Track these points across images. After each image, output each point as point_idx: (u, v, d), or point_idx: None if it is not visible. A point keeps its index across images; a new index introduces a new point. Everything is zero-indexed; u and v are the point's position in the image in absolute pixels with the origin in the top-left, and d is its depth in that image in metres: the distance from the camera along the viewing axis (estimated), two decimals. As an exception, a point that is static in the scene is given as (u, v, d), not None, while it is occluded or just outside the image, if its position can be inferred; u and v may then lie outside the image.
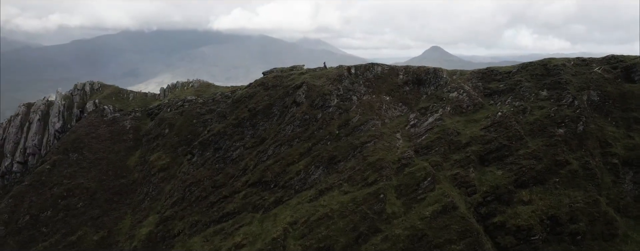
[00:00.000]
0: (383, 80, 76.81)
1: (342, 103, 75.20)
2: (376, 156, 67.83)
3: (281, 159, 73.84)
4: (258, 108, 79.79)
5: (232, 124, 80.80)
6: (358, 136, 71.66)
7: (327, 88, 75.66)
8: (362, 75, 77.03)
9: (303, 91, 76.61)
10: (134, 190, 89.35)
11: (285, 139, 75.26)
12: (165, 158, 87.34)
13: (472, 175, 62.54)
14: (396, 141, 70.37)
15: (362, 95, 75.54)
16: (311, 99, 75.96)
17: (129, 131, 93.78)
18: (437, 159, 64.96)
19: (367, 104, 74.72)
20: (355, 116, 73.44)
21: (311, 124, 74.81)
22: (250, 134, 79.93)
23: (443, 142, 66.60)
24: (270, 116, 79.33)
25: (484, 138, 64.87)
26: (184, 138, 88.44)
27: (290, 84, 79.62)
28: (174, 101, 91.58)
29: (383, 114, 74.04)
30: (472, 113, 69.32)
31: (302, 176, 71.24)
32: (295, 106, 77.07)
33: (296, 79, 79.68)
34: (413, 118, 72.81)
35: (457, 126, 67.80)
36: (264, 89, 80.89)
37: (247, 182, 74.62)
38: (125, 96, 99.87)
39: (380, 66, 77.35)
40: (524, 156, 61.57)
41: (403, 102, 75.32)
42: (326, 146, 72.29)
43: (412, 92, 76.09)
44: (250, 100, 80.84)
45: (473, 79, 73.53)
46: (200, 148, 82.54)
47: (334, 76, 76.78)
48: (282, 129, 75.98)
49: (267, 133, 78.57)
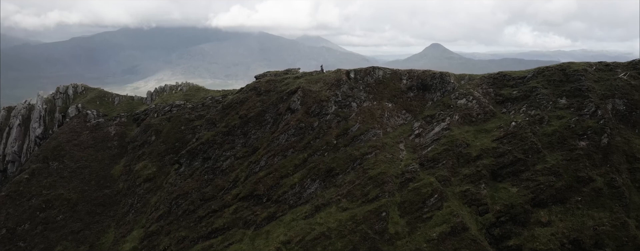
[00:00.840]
0: (385, 85, 70.47)
1: (340, 110, 68.92)
2: (377, 169, 61.69)
3: (274, 171, 67.75)
4: (250, 115, 73.51)
5: (222, 132, 74.53)
6: (358, 146, 65.46)
7: (324, 94, 69.35)
8: (362, 80, 70.70)
9: (298, 97, 70.29)
10: (118, 202, 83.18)
11: (279, 149, 69.09)
12: (152, 167, 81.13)
13: (483, 192, 56.40)
14: (399, 152, 64.16)
15: (362, 101, 69.23)
16: (307, 105, 69.67)
17: (114, 138, 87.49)
18: (444, 174, 58.80)
19: (367, 112, 68.43)
20: (355, 125, 67.18)
21: (307, 133, 68.61)
22: (241, 143, 73.72)
23: (451, 154, 60.39)
24: (262, 123, 73.07)
25: (497, 150, 58.65)
26: (172, 146, 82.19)
27: (284, 89, 73.31)
28: (162, 106, 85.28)
29: (385, 122, 67.77)
30: (482, 122, 63.05)
31: (297, 190, 65.19)
32: (289, 113, 70.80)
33: (291, 83, 73.36)
34: (418, 127, 66.53)
35: (466, 137, 61.56)
36: (257, 94, 74.58)
37: (238, 195, 68.60)
38: (110, 100, 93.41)
39: (381, 69, 71.03)
40: (541, 171, 55.37)
41: (407, 109, 69.03)
42: (323, 157, 66.17)
43: (417, 98, 69.78)
44: (241, 106, 74.55)
45: (483, 85, 67.22)
46: (188, 158, 76.33)
47: (331, 81, 70.47)
48: (276, 138, 69.77)
49: (260, 142, 72.36)
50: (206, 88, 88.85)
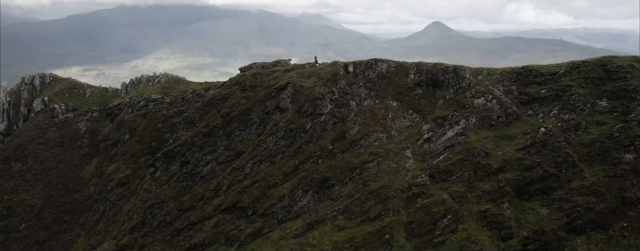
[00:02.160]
0: (389, 80, 60.22)
1: (337, 110, 58.85)
2: (380, 182, 52.06)
3: (261, 179, 58.23)
4: (233, 114, 63.47)
5: (201, 133, 64.60)
6: (357, 153, 55.67)
7: (318, 91, 59.18)
8: (363, 74, 60.40)
9: (288, 94, 60.16)
10: (88, 207, 73.84)
11: (266, 155, 59.35)
12: (125, 170, 71.50)
13: (507, 213, 46.85)
14: (406, 160, 54.36)
15: (363, 100, 59.09)
16: (298, 104, 59.58)
17: (84, 136, 77.64)
18: (459, 189, 49.12)
19: (368, 112, 58.34)
20: (354, 127, 57.23)
21: (298, 137, 58.72)
22: (223, 146, 63.88)
23: (467, 165, 50.58)
24: (247, 124, 63.07)
25: (523, 162, 48.82)
26: (147, 146, 72.40)
27: (272, 85, 63.12)
28: (136, 100, 75.10)
29: (389, 124, 57.74)
30: (504, 127, 53.07)
31: (287, 202, 55.82)
32: (278, 112, 60.77)
33: (280, 77, 63.13)
34: (427, 130, 56.55)
35: (485, 144, 51.66)
36: (241, 89, 64.39)
37: (220, 206, 59.31)
38: (81, 92, 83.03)
39: (385, 62, 60.62)
40: (578, 190, 45.69)
41: (414, 109, 58.92)
42: (317, 165, 56.53)
43: (426, 96, 59.58)
44: (223, 103, 64.46)
45: (505, 81, 56.94)
46: (164, 161, 66.60)
47: (327, 76, 60.20)
48: (263, 141, 59.90)
49: (244, 145, 62.55)
50: (187, 79, 78.55)
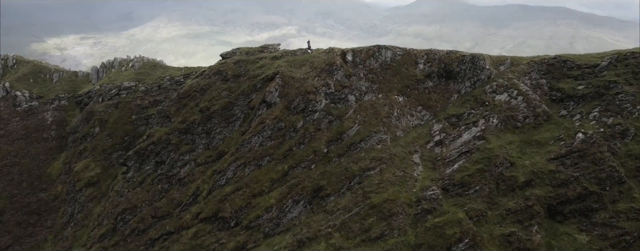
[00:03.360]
0: (394, 71, 50.94)
1: (333, 106, 49.84)
2: (384, 194, 43.56)
3: (245, 186, 49.90)
4: (213, 108, 54.47)
5: (178, 130, 55.74)
6: (356, 157, 47.04)
7: (311, 83, 50.05)
8: (363, 64, 51.02)
9: (276, 87, 51.04)
10: (56, 209, 65.68)
11: (252, 157, 50.72)
12: (95, 167, 62.96)
13: (536, 238, 38.58)
14: (413, 167, 45.69)
15: (363, 94, 49.99)
16: (288, 98, 50.55)
17: (51, 127, 68.79)
18: (478, 207, 40.66)
19: (370, 108, 49.34)
20: (353, 127, 48.38)
21: (288, 136, 49.95)
22: (203, 145, 55.15)
23: (488, 177, 41.94)
24: (230, 120, 54.17)
25: (556, 175, 40.15)
26: (120, 141, 63.65)
27: (258, 75, 53.88)
28: (108, 88, 65.82)
29: (394, 123, 48.82)
30: (532, 130, 44.16)
31: (275, 213, 47.62)
32: (265, 107, 51.79)
33: (267, 66, 53.83)
34: (438, 131, 47.68)
35: (509, 151, 42.87)
36: (222, 80, 55.17)
37: (199, 215, 51.17)
38: (47, 77, 73.54)
39: (390, 49, 51.13)
40: (626, 213, 37.25)
41: (424, 105, 49.88)
42: (309, 171, 48.01)
43: (438, 89, 50.41)
44: (202, 96, 55.36)
45: (533, 74, 47.67)
46: (136, 160, 57.95)
47: (321, 65, 50.90)
48: (247, 141, 51.15)
49: (227, 144, 53.79)
50: (165, 64, 68.98)
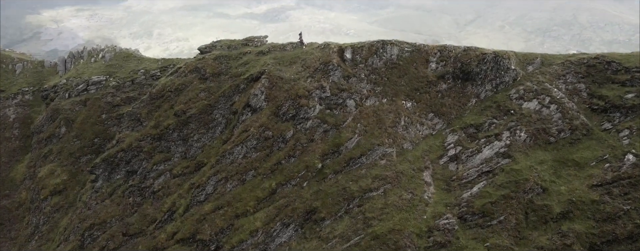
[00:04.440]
0: (401, 71, 42.70)
1: (328, 113, 41.84)
2: (388, 223, 36.27)
3: (227, 204, 42.60)
4: (190, 112, 46.49)
5: (150, 136, 47.86)
6: (356, 175, 39.45)
7: (302, 85, 41.91)
8: (365, 62, 42.69)
9: (262, 88, 42.93)
10: (20, 217, 58.37)
11: (234, 170, 43.16)
12: (61, 173, 55.33)
13: (575, 286, 31.06)
14: (424, 188, 38.04)
15: (365, 98, 41.90)
16: (276, 103, 42.51)
17: (14, 125, 60.92)
18: (503, 242, 33.37)
19: (372, 116, 41.36)
20: (352, 138, 40.52)
21: (276, 148, 42.19)
22: (179, 154, 47.41)
23: (515, 205, 34.34)
24: (209, 125, 46.29)
25: (601, 207, 32.51)
26: (89, 143, 55.83)
27: (241, 73, 45.72)
28: (74, 83, 57.51)
29: (400, 133, 40.90)
30: (569, 147, 36.28)
31: (261, 238, 40.52)
32: (249, 112, 43.81)
33: (252, 63, 45.60)
34: (454, 144, 39.81)
35: (541, 173, 35.09)
36: (200, 78, 46.97)
37: (175, 235, 44.05)
38: (10, 67, 64.90)
39: (396, 45, 42.72)
40: (692, 262, 29.63)
41: (436, 111, 41.85)
42: (301, 189, 40.55)
43: (453, 93, 42.27)
44: (177, 97, 47.27)
45: (568, 76, 39.41)
46: (105, 168, 50.26)
47: (315, 64, 42.65)
48: (229, 151, 43.40)
49: (206, 153, 46.05)
50: (140, 54, 60.15)
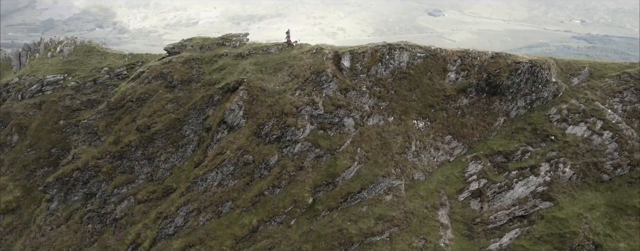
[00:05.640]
0: (413, 83, 33.92)
1: (322, 134, 33.39)
2: (396, 280, 28.08)
3: (199, 242, 35.27)
4: (156, 127, 38.02)
5: (110, 153, 39.46)
6: (355, 213, 31.64)
7: (289, 99, 33.30)
8: (367, 72, 33.85)
9: (240, 102, 34.33)
10: (-28, 237, 50.20)
11: (208, 200, 35.22)
12: (14, 189, 47.20)
13: None
14: (438, 232, 30.09)
15: (367, 116, 33.33)
16: (257, 120, 34.01)
17: (-36, 129, 52.01)
18: None
19: (376, 138, 32.94)
20: (351, 166, 32.23)
21: (257, 175, 34.03)
22: (144, 175, 39.16)
23: (558, 265, 26.19)
24: (179, 143, 37.87)
25: (674, 277, 24.33)
26: (45, 154, 47.51)
27: (216, 81, 36.99)
28: (27, 82, 48.58)
29: (411, 161, 32.52)
30: (628, 188, 28.14)
31: (240, 286, 32.38)
32: (225, 130, 35.34)
33: (228, 69, 36.78)
34: (477, 174, 31.51)
35: (592, 223, 26.97)
36: (167, 86, 38.24)
37: (139, 274, 35.91)
38: (-42, 62, 55.75)
39: (407, 50, 33.74)
40: None
41: (455, 133, 33.34)
42: (287, 228, 32.97)
43: (476, 110, 33.64)
44: (140, 108, 38.64)
45: (626, 94, 30.75)
46: (60, 188, 42.15)
47: (305, 72, 33.88)
48: (202, 177, 35.25)
49: (175, 177, 37.80)
50: (104, 48, 50.77)
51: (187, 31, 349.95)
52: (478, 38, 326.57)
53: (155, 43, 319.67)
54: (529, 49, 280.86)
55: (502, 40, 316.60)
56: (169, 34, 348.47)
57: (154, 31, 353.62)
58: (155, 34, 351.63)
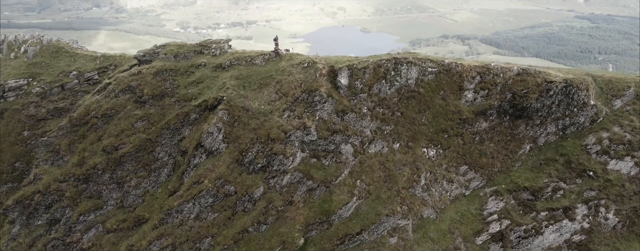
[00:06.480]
0: (423, 103, 28.25)
1: (315, 163, 27.99)
2: None
3: (175, 282, 29.30)
4: (124, 149, 32.60)
5: (74, 176, 34.15)
6: (354, 259, 26.02)
7: (277, 122, 27.75)
8: (368, 90, 28.10)
9: (219, 124, 28.81)
10: None
11: (184, 235, 30.05)
12: (-23, 206, 41.68)
13: None
14: (454, 286, 24.69)
15: (368, 143, 27.83)
16: (239, 145, 28.58)
17: None
18: None
19: (378, 169, 27.54)
20: (349, 202, 26.96)
21: (240, 208, 28.89)
22: (113, 201, 33.98)
23: None
24: (151, 166, 32.53)
25: None
26: (8, 168, 42.24)
27: (192, 97, 31.40)
28: (-11, 87, 42.88)
29: (419, 196, 27.16)
30: (685, 242, 22.48)
31: None
32: (203, 154, 29.93)
33: (206, 82, 31.14)
34: (498, 213, 26.23)
35: (642, 286, 21.55)
36: (136, 101, 32.63)
37: None
38: None
39: (415, 65, 27.95)
40: None
41: (471, 163, 27.87)
42: (275, 274, 27.20)
43: (497, 135, 28.10)
44: (106, 125, 33.12)
45: (682, 123, 25.05)
46: (21, 212, 36.90)
47: (295, 90, 28.20)
48: (177, 208, 30.07)
49: (148, 205, 32.62)
50: (73, 48, 44.37)
51: (185, 11, 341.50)
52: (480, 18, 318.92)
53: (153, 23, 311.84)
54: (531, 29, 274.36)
55: (504, 20, 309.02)
56: (166, 13, 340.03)
57: (152, 11, 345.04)
58: (153, 13, 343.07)
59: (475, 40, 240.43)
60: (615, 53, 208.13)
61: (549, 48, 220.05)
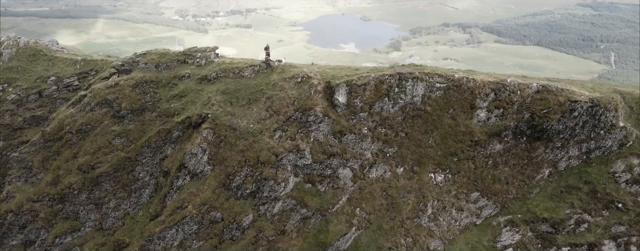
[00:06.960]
0: (430, 123, 25.05)
1: (310, 189, 24.89)
2: None
3: (157, 314, 26.31)
4: (101, 168, 29.48)
5: (48, 196, 31.17)
6: (353, 297, 23.04)
7: (267, 143, 24.61)
8: (369, 109, 24.88)
9: (204, 145, 25.67)
10: None
11: (167, 263, 26.74)
12: (-48, 221, 38.70)
13: None
14: None
15: (368, 166, 24.70)
16: (226, 168, 25.44)
17: None
18: None
19: (380, 195, 24.49)
20: (347, 233, 24.00)
21: (227, 237, 26.13)
22: (92, 223, 31.21)
23: None
24: (131, 187, 29.58)
25: None
26: (-15, 182, 38.78)
27: (175, 112, 28.25)
28: (-38, 94, 39.65)
29: (426, 226, 24.18)
30: None
31: None
32: (187, 175, 26.74)
33: (190, 97, 27.91)
34: (513, 246, 23.24)
35: None
36: (113, 116, 29.46)
37: None
38: None
39: (422, 80, 24.69)
40: None
41: (483, 190, 24.77)
42: (265, 311, 24.17)
43: (512, 158, 24.95)
44: (82, 142, 29.98)
45: None
46: (-4, 231, 33.79)
47: (287, 108, 24.98)
48: (160, 235, 26.91)
49: (128, 229, 29.76)
50: (52, 51, 40.53)
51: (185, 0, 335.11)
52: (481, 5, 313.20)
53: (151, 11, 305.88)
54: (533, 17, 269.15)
55: (505, 8, 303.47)
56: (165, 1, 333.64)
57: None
58: (152, 1, 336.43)
59: (476, 29, 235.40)
60: (618, 41, 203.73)
61: (551, 36, 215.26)
